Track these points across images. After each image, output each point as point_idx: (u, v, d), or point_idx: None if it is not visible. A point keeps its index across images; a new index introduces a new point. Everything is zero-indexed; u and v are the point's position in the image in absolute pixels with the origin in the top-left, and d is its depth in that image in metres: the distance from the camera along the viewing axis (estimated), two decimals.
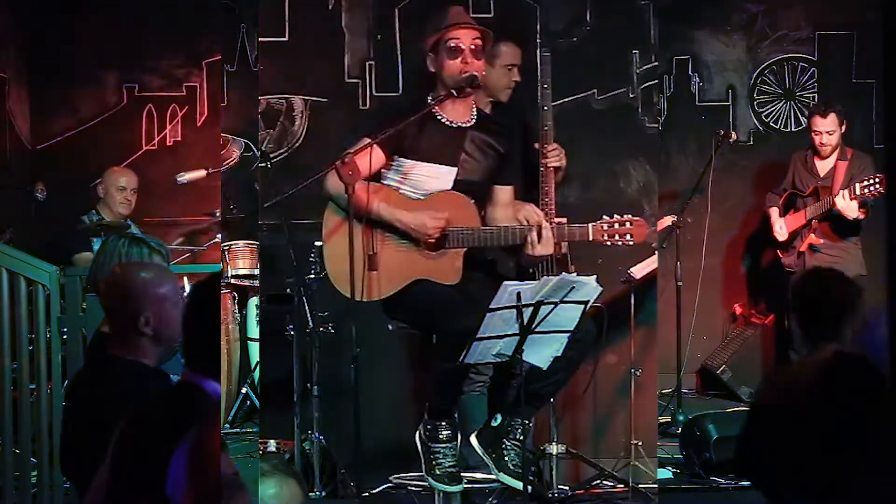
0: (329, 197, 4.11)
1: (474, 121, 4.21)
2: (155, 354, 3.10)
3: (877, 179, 5.61)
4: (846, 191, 5.80)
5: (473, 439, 4.10)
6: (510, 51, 4.65)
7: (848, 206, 5.81)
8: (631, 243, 4.06)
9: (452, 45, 4.09)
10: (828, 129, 5.92)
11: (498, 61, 4.61)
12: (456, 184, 4.14)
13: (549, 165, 4.49)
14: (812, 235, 5.98)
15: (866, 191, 5.67)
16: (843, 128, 5.96)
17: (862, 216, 5.83)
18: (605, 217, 4.05)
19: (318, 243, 4.38)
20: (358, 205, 3.96)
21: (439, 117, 4.16)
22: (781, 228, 6.11)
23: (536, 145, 4.54)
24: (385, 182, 4.15)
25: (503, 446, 4.03)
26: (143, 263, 3.43)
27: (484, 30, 4.16)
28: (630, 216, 4.05)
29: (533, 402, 4.10)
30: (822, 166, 6.03)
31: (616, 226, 4.04)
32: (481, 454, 4.08)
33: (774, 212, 6.18)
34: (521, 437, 4.03)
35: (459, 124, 4.17)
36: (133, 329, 3.05)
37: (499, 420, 4.08)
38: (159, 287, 3.07)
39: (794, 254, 6.07)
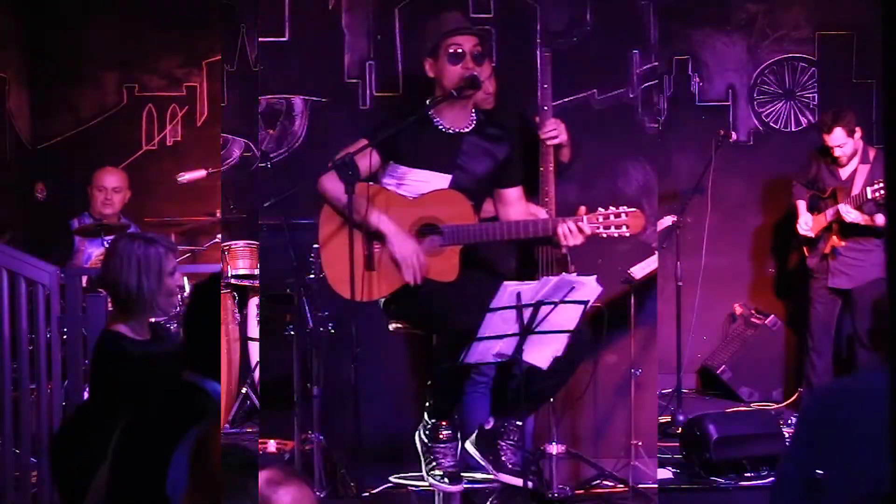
0: (324, 198, 4.06)
1: (473, 126, 4.15)
2: None
3: (883, 183, 5.56)
4: (847, 204, 5.77)
5: (469, 446, 4.08)
6: None
7: (849, 213, 5.79)
8: (627, 234, 3.96)
9: (453, 51, 4.05)
10: (837, 143, 5.81)
11: None
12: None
13: (548, 143, 4.35)
14: (834, 238, 5.93)
15: (877, 195, 5.63)
16: (859, 132, 5.85)
17: (879, 222, 5.75)
18: (600, 209, 3.95)
19: (315, 246, 4.38)
20: (357, 206, 3.93)
21: (437, 123, 4.11)
22: (807, 224, 6.02)
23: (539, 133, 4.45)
24: (381, 184, 4.13)
25: (499, 447, 4.03)
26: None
27: (483, 34, 4.14)
28: (625, 207, 3.94)
29: (532, 403, 4.10)
30: (844, 170, 5.95)
31: (611, 217, 3.93)
32: (479, 458, 4.07)
33: (802, 205, 6.08)
34: (516, 438, 4.02)
35: (458, 130, 4.12)
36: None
37: (491, 423, 4.06)
38: None
39: (818, 255, 6.02)
